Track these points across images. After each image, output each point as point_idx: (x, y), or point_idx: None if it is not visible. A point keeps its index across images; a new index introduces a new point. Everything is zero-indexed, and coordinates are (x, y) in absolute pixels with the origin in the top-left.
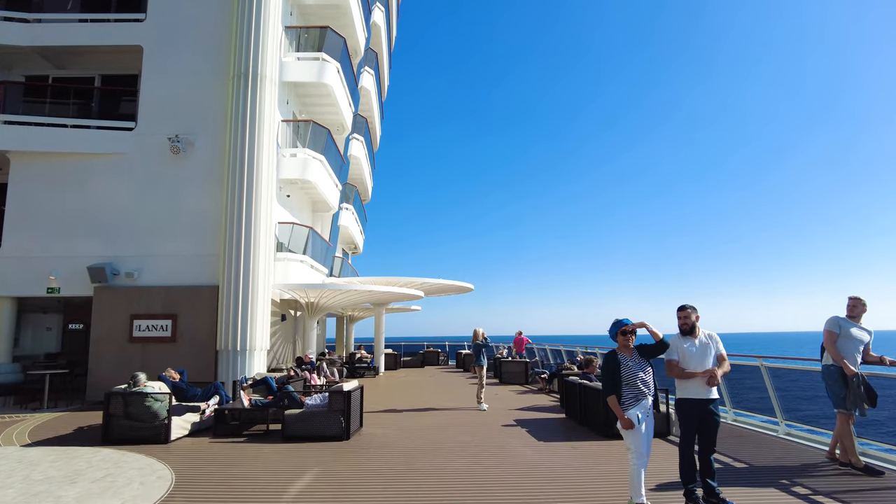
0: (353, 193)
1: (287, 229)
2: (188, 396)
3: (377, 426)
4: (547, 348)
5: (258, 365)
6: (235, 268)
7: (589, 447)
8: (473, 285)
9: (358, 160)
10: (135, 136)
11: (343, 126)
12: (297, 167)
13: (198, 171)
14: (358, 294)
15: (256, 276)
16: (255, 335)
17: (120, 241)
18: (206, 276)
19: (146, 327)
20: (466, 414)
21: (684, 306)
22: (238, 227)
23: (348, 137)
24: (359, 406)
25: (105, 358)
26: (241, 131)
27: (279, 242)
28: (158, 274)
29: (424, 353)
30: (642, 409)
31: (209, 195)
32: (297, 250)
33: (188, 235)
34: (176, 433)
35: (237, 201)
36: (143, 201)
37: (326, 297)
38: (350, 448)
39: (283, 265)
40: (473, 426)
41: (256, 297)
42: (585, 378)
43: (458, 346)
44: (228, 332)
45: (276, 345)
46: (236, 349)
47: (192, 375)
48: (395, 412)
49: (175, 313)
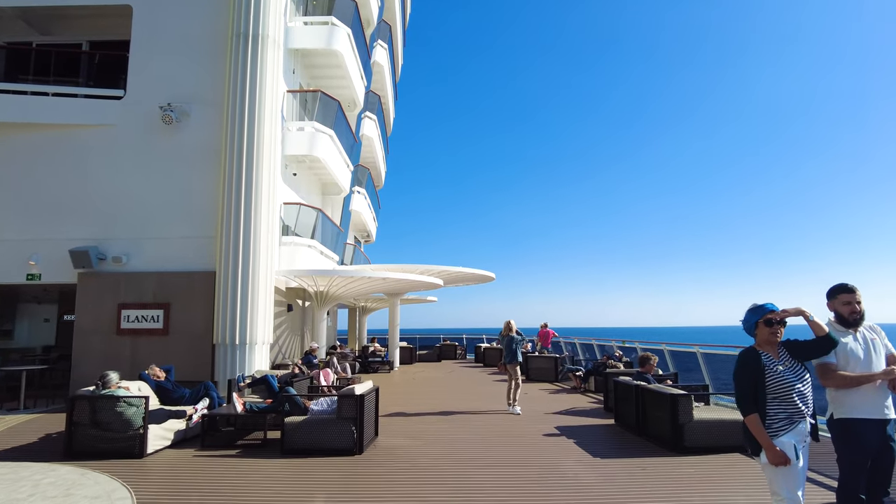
0: (365, 177)
1: (293, 211)
2: (174, 398)
3: (395, 434)
4: (576, 342)
5: (260, 361)
6: (234, 252)
7: (661, 466)
8: (495, 274)
9: (371, 141)
10: (124, 106)
11: (354, 102)
12: (304, 142)
13: (194, 144)
14: (371, 282)
15: (257, 261)
16: (256, 327)
17: (107, 221)
18: (201, 261)
19: (136, 318)
20: (498, 419)
21: (848, 286)
22: (237, 206)
23: (360, 115)
24: (373, 412)
25: (90, 352)
26: (241, 98)
27: (284, 225)
28: (149, 258)
29: (441, 347)
30: (798, 435)
31: (206, 171)
32: (304, 234)
33: (183, 215)
34: (154, 444)
35: (236, 177)
36: (133, 178)
37: (337, 285)
38: (364, 465)
39: (289, 250)
40: (510, 435)
41: (257, 285)
42: (641, 378)
43: (476, 340)
44: (226, 323)
45: (281, 338)
46: (235, 343)
47: (187, 372)
48: (416, 416)
49: (167, 302)
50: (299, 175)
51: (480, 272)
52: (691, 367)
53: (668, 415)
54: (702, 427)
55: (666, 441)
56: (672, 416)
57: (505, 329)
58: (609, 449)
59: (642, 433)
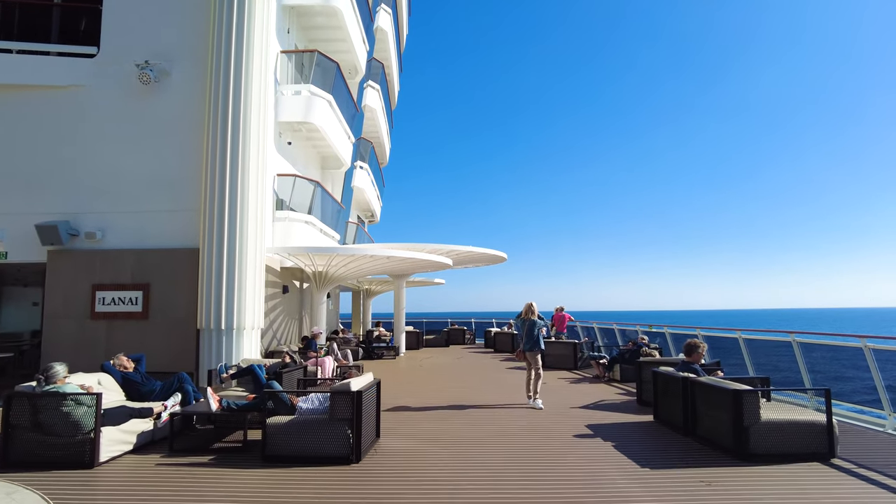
0: (368, 151)
1: (288, 183)
2: (143, 393)
3: (400, 434)
4: (595, 326)
5: (249, 348)
6: (219, 227)
7: (727, 480)
8: (507, 255)
9: (374, 113)
10: (97, 65)
11: (356, 68)
12: (300, 107)
13: (175, 107)
14: (374, 261)
15: (245, 237)
16: (244, 310)
17: (79, 193)
18: (184, 237)
19: (112, 300)
20: (519, 414)
21: None
22: (221, 176)
23: (362, 84)
24: (374, 410)
25: (61, 338)
26: (226, 56)
27: (279, 199)
28: (126, 234)
29: (449, 331)
30: None
31: (190, 136)
32: (300, 209)
33: (164, 186)
34: (110, 451)
35: (220, 144)
36: (108, 144)
37: (336, 264)
38: (362, 477)
39: (283, 226)
40: (535, 436)
41: (245, 263)
42: (688, 369)
43: (486, 324)
44: (211, 306)
45: (275, 322)
46: (220, 328)
47: (169, 361)
48: (424, 411)
49: (147, 283)
50: (296, 145)
51: (491, 252)
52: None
53: (728, 415)
54: (771, 430)
55: (725, 446)
56: (735, 416)
57: (525, 311)
58: (656, 455)
59: (690, 433)
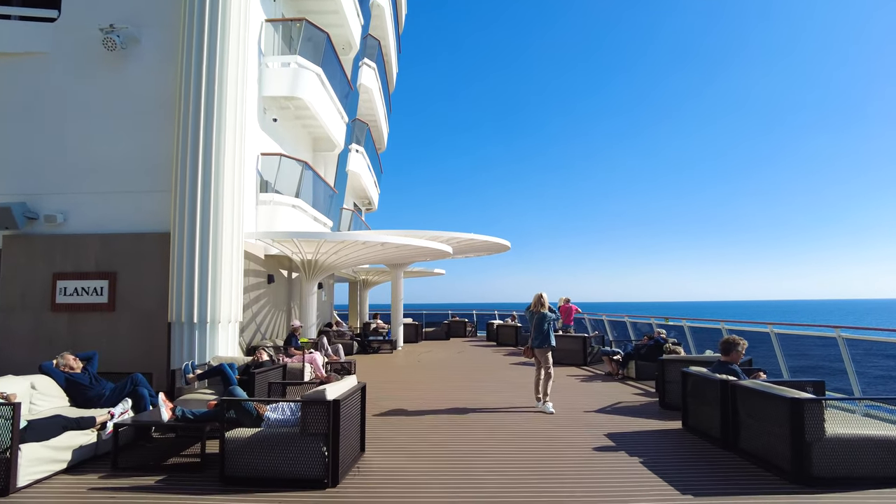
0: (364, 133)
1: (273, 163)
2: (90, 398)
3: (389, 448)
4: (604, 319)
5: (226, 343)
6: (190, 209)
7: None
8: (510, 243)
9: (370, 93)
10: (58, 30)
11: (350, 43)
12: (286, 81)
13: (145, 77)
14: (367, 249)
15: (220, 221)
16: (219, 302)
17: (38, 172)
18: (155, 220)
19: (74, 290)
20: (527, 420)
21: None
22: (193, 152)
23: (357, 62)
24: (357, 421)
25: (17, 333)
26: (199, 19)
27: (263, 180)
28: (91, 218)
29: (450, 324)
30: None
31: (160, 110)
32: (287, 193)
33: (132, 165)
34: (34, 472)
35: (192, 118)
36: (70, 118)
37: (326, 251)
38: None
39: (267, 210)
40: (547, 449)
41: (220, 250)
42: (726, 370)
43: (488, 316)
44: (182, 296)
45: (259, 315)
46: (192, 321)
47: (136, 358)
48: (419, 416)
49: (113, 271)
50: (284, 124)
51: (495, 240)
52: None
53: (784, 428)
54: (839, 448)
55: (779, 466)
56: (794, 430)
57: (534, 303)
58: (695, 476)
59: (731, 447)
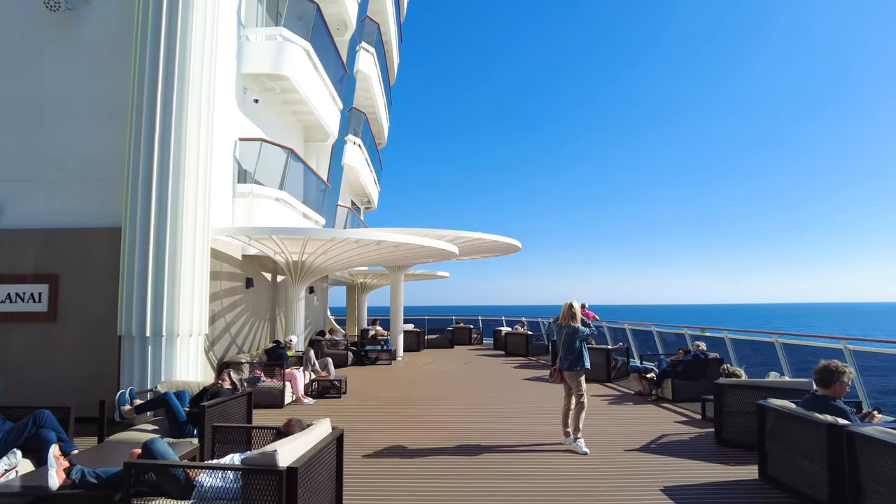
0: (361, 124)
1: (252, 150)
2: None
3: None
4: (626, 328)
5: (186, 361)
6: (144, 199)
7: None
8: (520, 243)
9: (368, 81)
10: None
11: (345, 23)
12: (269, 56)
13: (97, 45)
14: (361, 248)
15: (179, 214)
16: (178, 310)
17: None
18: (104, 213)
19: (7, 297)
20: (556, 463)
21: None
22: (149, 133)
23: (354, 44)
24: (330, 486)
25: None
26: None
27: (241, 170)
28: (29, 209)
29: (454, 331)
30: None
31: (113, 84)
32: (270, 184)
33: (79, 148)
34: None
35: (148, 94)
36: (5, 94)
37: (314, 251)
38: None
39: (246, 203)
40: None
41: (180, 248)
42: (827, 408)
43: (495, 322)
44: (133, 304)
45: (235, 325)
46: (144, 335)
47: (81, 381)
48: (419, 456)
49: (55, 273)
50: (270, 108)
51: (504, 240)
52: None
53: None
54: None
55: None
56: None
57: (563, 315)
58: None
59: None
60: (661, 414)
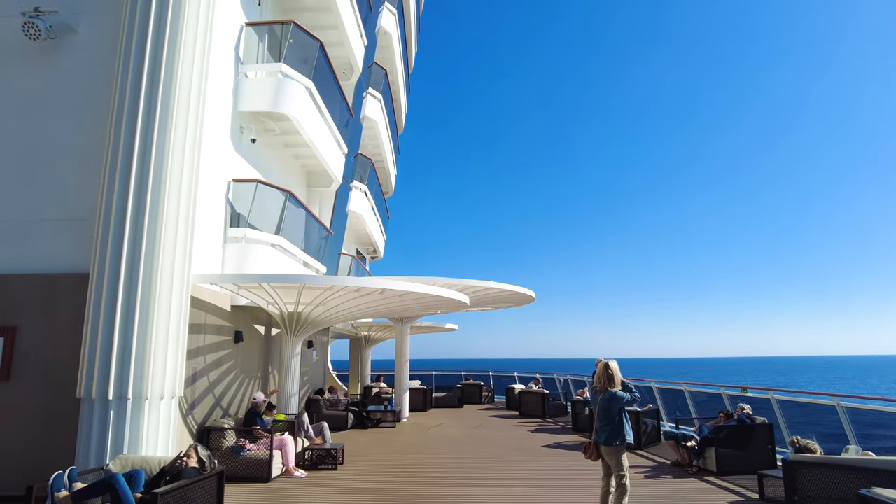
0: (367, 170)
1: (247, 191)
2: None
3: None
4: (653, 386)
5: (156, 429)
6: (116, 242)
7: None
8: (535, 293)
9: (375, 128)
10: None
11: (350, 66)
12: (267, 92)
13: (77, 76)
14: (363, 297)
15: (156, 259)
16: (149, 368)
17: None
18: (71, 257)
19: None
20: None
21: None
22: (125, 170)
23: (360, 88)
24: None
25: None
26: (144, 4)
27: (234, 213)
28: None
29: (463, 387)
30: None
31: (92, 118)
32: (265, 228)
33: (48, 183)
34: None
35: (127, 127)
36: None
37: (311, 301)
38: None
39: (238, 249)
40: None
41: (155, 296)
42: None
43: (506, 378)
44: (95, 361)
45: (220, 385)
46: (106, 398)
47: (37, 451)
48: None
49: (12, 326)
50: (271, 152)
51: (518, 289)
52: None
53: None
54: None
55: None
56: None
57: (599, 378)
58: None
59: None
60: (710, 492)
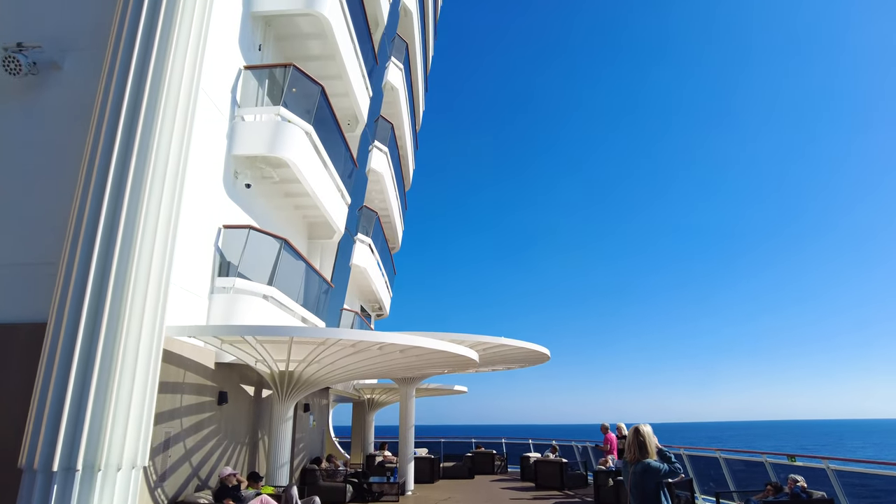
0: (372, 223)
1: (238, 238)
2: None
3: None
4: (683, 454)
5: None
6: (78, 290)
7: None
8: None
9: (381, 181)
10: None
11: (356, 117)
12: (264, 136)
13: (57, 114)
14: (361, 353)
15: (124, 305)
16: (108, 433)
17: None
18: (29, 305)
19: None
20: None
21: None
22: (95, 211)
23: (365, 140)
24: None
25: None
26: (127, 42)
27: (223, 261)
28: None
29: (474, 456)
30: None
31: (69, 158)
32: (257, 279)
33: (13, 226)
34: None
35: (100, 167)
36: None
37: (304, 357)
38: None
39: (225, 300)
40: None
41: (119, 350)
42: None
43: (521, 446)
44: (42, 424)
45: (200, 452)
46: (50, 469)
47: None
48: None
49: None
50: (269, 201)
51: (532, 347)
52: None
53: None
54: None
55: None
56: None
57: (630, 446)
58: None
59: None
60: None
